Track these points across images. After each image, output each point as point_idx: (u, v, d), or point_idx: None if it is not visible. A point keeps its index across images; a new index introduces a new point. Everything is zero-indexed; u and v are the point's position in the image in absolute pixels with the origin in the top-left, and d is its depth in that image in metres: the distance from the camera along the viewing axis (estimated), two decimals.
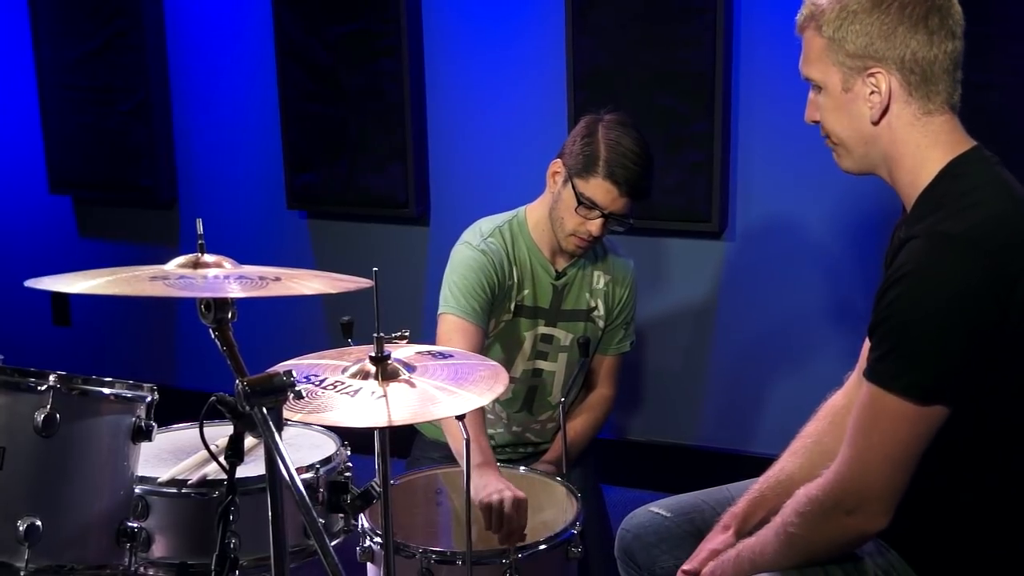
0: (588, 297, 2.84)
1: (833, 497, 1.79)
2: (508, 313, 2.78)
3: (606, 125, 2.64)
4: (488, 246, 2.74)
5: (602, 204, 2.62)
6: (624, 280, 2.88)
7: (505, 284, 2.75)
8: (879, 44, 1.77)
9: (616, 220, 2.65)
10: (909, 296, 1.68)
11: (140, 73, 4.32)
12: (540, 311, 2.81)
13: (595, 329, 2.86)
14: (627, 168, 2.59)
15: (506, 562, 2.15)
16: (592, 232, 2.65)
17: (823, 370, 3.49)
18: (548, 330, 2.82)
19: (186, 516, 2.05)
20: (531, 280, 2.79)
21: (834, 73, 1.83)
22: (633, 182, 2.60)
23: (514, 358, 2.80)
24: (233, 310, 1.72)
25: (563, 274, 2.81)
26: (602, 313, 2.85)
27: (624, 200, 2.62)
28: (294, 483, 1.55)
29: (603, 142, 2.61)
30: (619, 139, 2.61)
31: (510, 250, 2.77)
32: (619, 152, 2.60)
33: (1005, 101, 3.21)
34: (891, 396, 1.70)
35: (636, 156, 2.60)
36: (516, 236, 2.80)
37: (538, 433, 2.91)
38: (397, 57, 3.92)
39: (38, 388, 1.85)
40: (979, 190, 1.75)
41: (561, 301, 2.81)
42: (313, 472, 2.11)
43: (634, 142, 2.62)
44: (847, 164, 1.91)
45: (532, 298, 2.80)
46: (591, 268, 2.84)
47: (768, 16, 3.53)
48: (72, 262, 4.61)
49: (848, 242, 3.58)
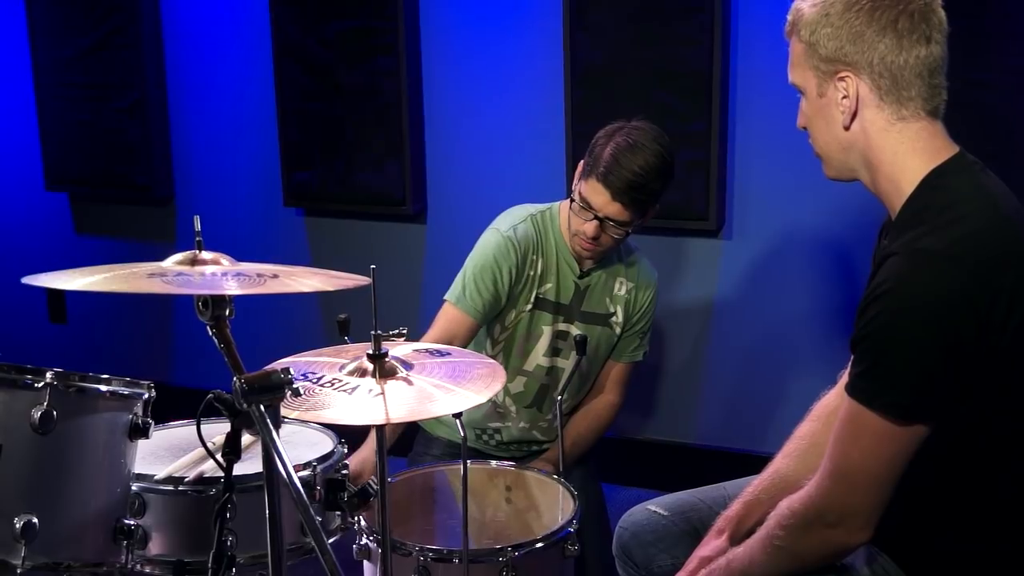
0: (608, 302, 2.84)
1: (815, 510, 1.79)
2: (528, 303, 2.78)
3: (625, 131, 2.63)
4: (516, 232, 2.75)
5: (595, 206, 2.61)
6: (646, 290, 2.88)
7: (526, 272, 2.76)
8: (848, 48, 1.76)
9: (612, 225, 2.63)
10: (888, 314, 1.67)
11: (136, 70, 4.31)
12: (561, 307, 2.81)
13: (611, 335, 2.86)
14: (623, 176, 2.56)
15: (503, 560, 2.14)
16: (587, 233, 2.64)
17: (821, 368, 3.49)
18: (566, 327, 2.82)
19: (183, 513, 2.05)
20: (555, 274, 2.79)
21: (811, 78, 1.83)
22: (626, 190, 2.57)
23: (530, 351, 2.81)
24: (231, 307, 1.72)
25: (587, 274, 2.81)
26: (620, 320, 2.85)
27: (618, 206, 2.59)
28: (292, 481, 1.55)
29: (611, 147, 2.60)
30: (628, 146, 2.58)
31: (539, 239, 2.78)
32: (622, 159, 2.57)
33: (1002, 99, 3.21)
34: (871, 414, 1.70)
35: (639, 166, 2.57)
36: (547, 227, 2.80)
37: (545, 432, 2.91)
38: (394, 55, 3.91)
39: (35, 385, 1.84)
40: (960, 204, 1.72)
41: (582, 301, 2.81)
42: (310, 470, 2.10)
43: (644, 151, 2.58)
44: (829, 172, 1.91)
45: (555, 292, 2.80)
46: (615, 275, 2.84)
47: (766, 14, 3.53)
48: (68, 259, 4.61)
49: (846, 240, 3.58)
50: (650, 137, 2.62)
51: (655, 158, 2.59)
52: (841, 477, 1.76)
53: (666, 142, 2.64)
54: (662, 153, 2.61)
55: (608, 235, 2.66)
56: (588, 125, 3.67)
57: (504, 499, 2.56)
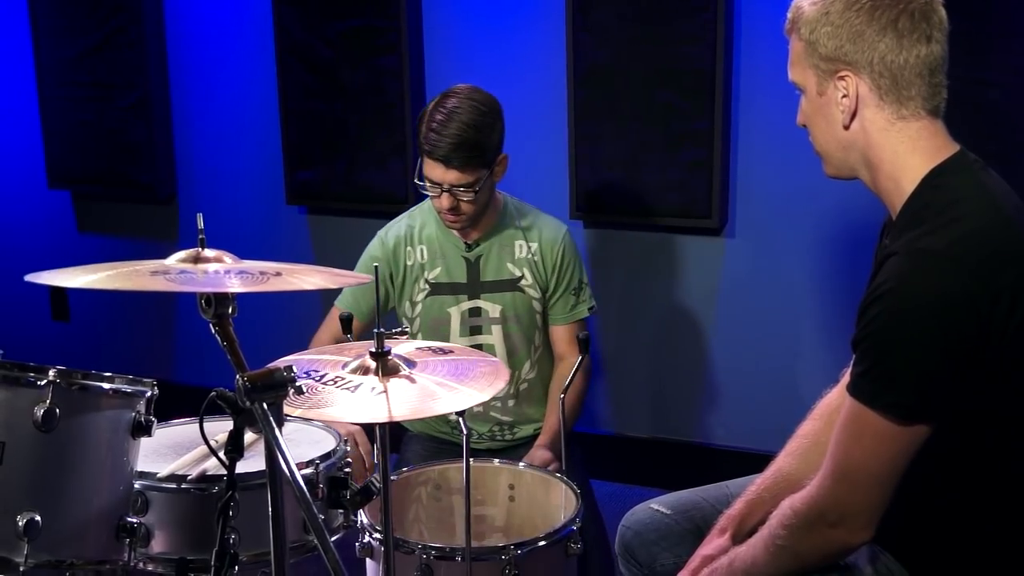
0: (511, 267, 2.84)
1: (816, 510, 1.79)
2: (422, 292, 2.83)
3: (437, 102, 2.68)
4: (388, 233, 2.86)
5: (437, 180, 2.67)
6: (553, 246, 2.87)
7: (403, 265, 2.84)
8: (848, 47, 1.76)
9: (461, 191, 2.67)
10: (889, 314, 1.67)
11: (139, 69, 4.31)
12: (459, 287, 2.84)
13: (527, 299, 2.86)
14: (446, 144, 2.62)
15: (505, 558, 2.14)
16: (444, 206, 2.70)
17: (823, 367, 3.49)
18: (473, 303, 2.84)
19: (186, 511, 2.04)
20: (441, 256, 2.83)
21: (811, 76, 1.83)
22: (453, 154, 2.62)
23: (446, 336, 2.83)
24: (234, 305, 1.72)
25: (474, 246, 2.83)
26: (531, 282, 2.85)
27: (455, 172, 2.65)
28: (295, 479, 1.55)
29: (427, 123, 2.66)
30: (443, 116, 2.64)
31: (416, 231, 2.84)
32: (439, 129, 2.63)
33: (1003, 98, 3.21)
34: (873, 413, 1.70)
35: (456, 128, 2.62)
36: (427, 215, 2.86)
37: (502, 411, 2.91)
38: (397, 54, 3.92)
39: (38, 383, 1.84)
40: (960, 203, 1.72)
41: (479, 273, 2.83)
42: (313, 468, 2.10)
43: (457, 113, 2.63)
44: (829, 170, 1.91)
45: (446, 274, 2.83)
46: (510, 238, 2.85)
47: (768, 13, 3.52)
48: (71, 257, 4.61)
49: (848, 239, 3.58)
50: (460, 97, 2.68)
51: (467, 114, 2.64)
52: (843, 477, 1.76)
53: (479, 95, 2.70)
54: (474, 106, 2.66)
55: (465, 201, 2.70)
56: (591, 124, 3.69)
57: (507, 497, 2.55)
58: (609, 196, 3.73)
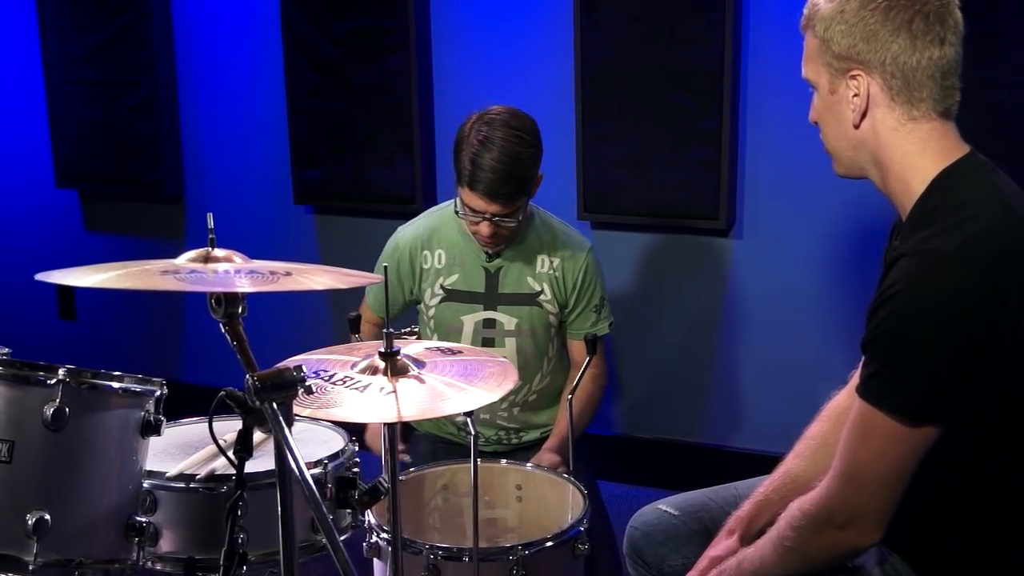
0: (531, 281, 2.82)
1: (825, 512, 1.79)
2: (436, 297, 2.81)
3: (475, 129, 2.63)
4: (406, 232, 2.85)
5: (478, 210, 2.64)
6: (576, 263, 2.83)
7: (418, 267, 2.82)
8: (861, 46, 1.75)
9: (501, 219, 2.65)
10: (899, 315, 1.67)
11: (147, 67, 4.32)
12: (476, 296, 2.81)
13: (544, 314, 2.84)
14: (488, 179, 2.58)
15: (513, 559, 2.14)
16: (484, 233, 2.67)
17: (831, 368, 3.49)
18: (489, 314, 2.82)
19: (194, 511, 2.05)
20: (460, 264, 2.81)
21: (823, 74, 1.82)
22: (496, 188, 2.59)
23: (456, 343, 2.82)
24: (243, 305, 1.72)
25: (496, 256, 2.80)
26: (550, 297, 2.83)
27: (497, 204, 2.62)
28: (304, 479, 1.55)
29: (467, 152, 2.62)
30: (481, 146, 2.60)
31: (437, 233, 2.82)
32: (480, 161, 2.59)
33: (1014, 99, 3.20)
34: (882, 415, 1.69)
35: (497, 161, 2.58)
36: (449, 218, 2.82)
37: (509, 419, 2.91)
38: (405, 53, 3.91)
39: (47, 382, 1.84)
40: (970, 204, 1.72)
41: (497, 285, 2.81)
42: (321, 468, 2.11)
43: (496, 144, 2.59)
44: (839, 169, 1.91)
45: (463, 282, 2.81)
46: (533, 252, 2.82)
47: (777, 12, 3.52)
48: (78, 256, 4.62)
49: (856, 240, 3.57)
50: (499, 124, 2.63)
51: (511, 146, 2.60)
52: (851, 478, 1.76)
53: (517, 121, 2.65)
54: (517, 136, 2.62)
55: (504, 227, 2.68)
56: (599, 124, 3.69)
57: (514, 497, 2.55)
58: (616, 196, 3.72)
